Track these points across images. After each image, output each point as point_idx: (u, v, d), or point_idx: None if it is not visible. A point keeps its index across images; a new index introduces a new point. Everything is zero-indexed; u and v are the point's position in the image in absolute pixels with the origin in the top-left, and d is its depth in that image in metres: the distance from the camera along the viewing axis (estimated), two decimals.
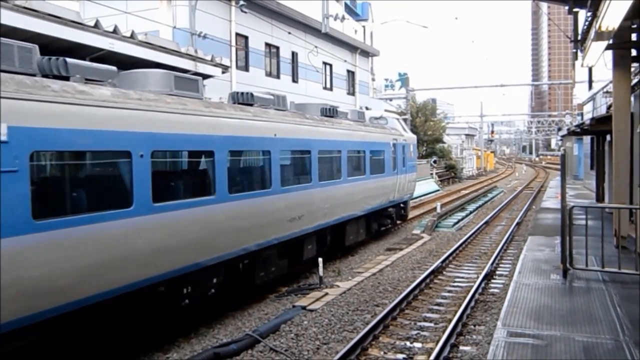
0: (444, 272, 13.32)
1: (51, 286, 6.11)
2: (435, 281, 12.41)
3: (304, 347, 8.16)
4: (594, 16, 9.71)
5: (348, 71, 33.87)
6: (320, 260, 12.02)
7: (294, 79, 27.04)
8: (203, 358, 7.74)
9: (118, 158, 7.17)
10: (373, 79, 44.50)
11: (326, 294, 10.90)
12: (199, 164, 9.15)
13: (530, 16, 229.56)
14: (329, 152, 13.50)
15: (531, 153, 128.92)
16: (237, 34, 22.11)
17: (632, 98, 12.80)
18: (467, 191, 37.37)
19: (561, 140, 56.12)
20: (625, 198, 11.99)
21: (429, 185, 36.95)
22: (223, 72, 15.72)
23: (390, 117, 20.17)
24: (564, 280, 9.39)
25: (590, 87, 23.55)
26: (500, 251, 15.31)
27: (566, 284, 9.21)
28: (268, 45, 24.77)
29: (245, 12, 19.32)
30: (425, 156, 46.21)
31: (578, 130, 22.37)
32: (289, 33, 24.72)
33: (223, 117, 9.27)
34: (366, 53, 37.11)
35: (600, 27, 8.53)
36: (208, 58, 14.42)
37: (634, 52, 12.18)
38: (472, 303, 10.35)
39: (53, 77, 6.82)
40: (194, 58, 13.83)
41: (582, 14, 12.62)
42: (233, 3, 20.91)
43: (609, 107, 17.34)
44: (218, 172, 8.91)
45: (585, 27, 11.62)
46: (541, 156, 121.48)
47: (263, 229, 10.35)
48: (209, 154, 8.83)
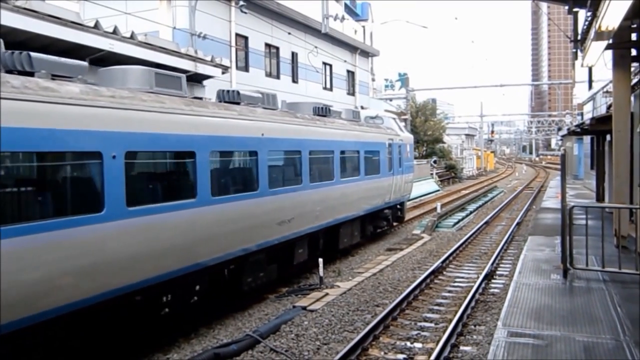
0: (444, 272, 13.32)
1: (9, 298, 5.62)
2: (435, 281, 12.41)
3: (305, 348, 8.15)
4: (594, 16, 9.71)
5: (348, 71, 33.87)
6: (320, 260, 12.01)
7: (294, 80, 27.04)
8: (203, 358, 7.74)
9: (87, 159, 6.73)
10: (373, 79, 44.46)
11: (326, 294, 10.89)
12: (179, 166, 8.69)
13: (530, 16, 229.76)
14: (321, 153, 13.10)
15: (531, 153, 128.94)
16: (237, 35, 22.10)
17: (632, 98, 12.80)
18: (467, 191, 37.38)
19: (561, 140, 56.12)
20: (625, 198, 11.99)
21: (429, 185, 36.95)
22: (223, 73, 15.74)
23: (386, 117, 19.85)
24: (564, 280, 9.39)
25: (590, 87, 23.54)
26: (500, 251, 15.31)
27: (566, 284, 9.21)
28: (268, 45, 24.76)
29: (245, 13, 19.31)
30: (425, 156, 46.23)
31: (578, 130, 22.36)
32: (289, 33, 24.72)
33: (205, 116, 8.85)
34: (366, 53, 37.10)
35: (600, 27, 8.53)
36: (208, 58, 14.43)
37: (634, 52, 12.18)
38: (473, 303, 10.34)
39: (18, 73, 6.42)
40: (194, 58, 13.84)
41: (582, 14, 12.62)
42: (233, 3, 20.91)
43: (609, 107, 17.34)
44: (200, 174, 8.49)
45: (585, 27, 11.62)
46: (541, 156, 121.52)
47: (250, 233, 9.96)
48: (190, 155, 8.39)
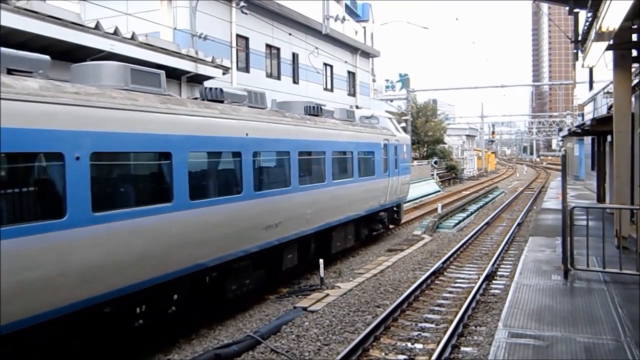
0: (445, 273, 13.31)
1: None
2: (436, 282, 12.40)
3: (305, 348, 8.15)
4: (595, 17, 9.71)
5: (349, 72, 33.88)
6: (321, 261, 12.01)
7: (295, 80, 27.05)
8: (204, 359, 7.74)
9: (47, 161, 6.26)
10: (374, 80, 44.50)
11: (327, 295, 10.89)
12: (153, 167, 8.18)
13: (530, 17, 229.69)
14: (311, 154, 12.63)
15: (532, 154, 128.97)
16: (238, 35, 22.12)
17: (633, 98, 12.80)
18: (468, 192, 37.36)
19: (562, 140, 56.07)
20: (626, 198, 11.98)
21: (430, 186, 36.96)
22: (224, 74, 15.72)
23: (381, 117, 19.40)
24: (565, 281, 9.38)
25: (590, 88, 23.51)
26: (501, 252, 15.29)
27: (567, 285, 9.20)
28: (269, 46, 24.79)
29: (245, 14, 19.33)
30: (426, 157, 46.24)
31: (579, 130, 22.39)
32: (290, 34, 24.74)
33: (183, 115, 8.33)
34: (367, 54, 37.11)
35: (600, 28, 8.54)
36: (209, 59, 14.42)
37: (635, 53, 12.18)
38: (473, 304, 10.34)
39: None
40: (195, 59, 13.83)
41: (583, 15, 12.62)
42: (233, 4, 20.93)
43: (610, 108, 17.33)
44: (176, 177, 7.97)
45: (585, 28, 11.62)
46: (542, 157, 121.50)
47: (233, 239, 9.48)
48: (165, 156, 7.89)
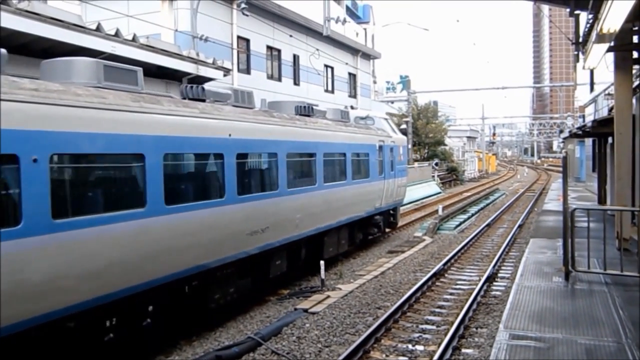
0: (446, 275, 13.30)
1: None
2: (437, 284, 12.39)
3: (306, 350, 8.15)
4: (595, 18, 9.72)
5: (349, 74, 33.92)
6: (322, 262, 12.00)
7: (296, 82, 27.08)
8: None
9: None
10: (374, 82, 44.57)
11: (328, 297, 10.88)
12: (123, 170, 7.62)
13: (531, 18, 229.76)
14: (301, 155, 12.16)
15: (533, 155, 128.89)
16: (239, 37, 22.17)
17: (634, 100, 12.80)
18: (469, 194, 37.37)
19: (563, 142, 56.09)
20: (627, 200, 11.97)
21: (431, 187, 36.95)
22: (225, 75, 15.72)
23: (377, 117, 19.01)
24: (566, 282, 9.37)
25: (591, 90, 23.56)
26: (502, 254, 15.28)
27: (568, 287, 9.19)
28: (269, 48, 24.82)
29: (246, 15, 19.37)
30: (427, 159, 46.23)
31: (580, 132, 22.38)
32: (291, 36, 24.78)
33: (158, 114, 7.82)
34: (367, 56, 37.16)
35: (601, 30, 8.53)
36: (210, 61, 14.41)
37: (636, 55, 12.18)
38: (474, 306, 10.33)
39: None
40: (196, 61, 13.83)
41: (584, 16, 12.64)
42: (234, 6, 20.95)
43: (611, 110, 17.32)
44: (150, 180, 7.48)
45: (586, 30, 11.64)
46: (543, 158, 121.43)
47: (214, 246, 8.92)
48: (138, 158, 7.38)
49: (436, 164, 43.48)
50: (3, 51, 6.65)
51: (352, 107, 22.92)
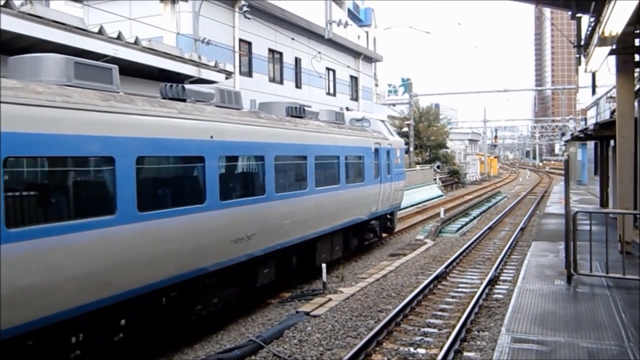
0: (448, 278, 13.28)
1: None
2: (439, 287, 12.37)
3: (308, 353, 8.13)
4: (597, 21, 9.72)
5: (351, 77, 33.96)
6: (323, 266, 11.99)
7: (297, 85, 27.12)
8: None
9: None
10: (376, 85, 44.64)
11: (330, 300, 10.87)
12: (90, 174, 7.18)
13: (533, 21, 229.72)
14: (290, 158, 11.70)
15: (535, 158, 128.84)
16: (241, 40, 22.20)
17: (636, 103, 12.81)
18: (471, 196, 37.35)
19: (565, 145, 55.96)
20: (629, 203, 11.97)
21: (433, 190, 36.94)
22: (226, 78, 15.77)
23: (373, 119, 18.53)
24: (568, 285, 9.36)
25: (593, 92, 23.57)
26: (504, 257, 15.25)
27: (570, 290, 9.18)
28: (271, 51, 24.86)
29: (248, 18, 19.43)
30: (428, 161, 46.25)
31: (582, 135, 22.37)
32: (292, 39, 24.82)
33: (130, 114, 7.32)
34: (369, 59, 37.20)
35: (603, 33, 8.54)
36: (211, 64, 14.45)
37: (637, 58, 12.18)
38: (476, 309, 10.30)
39: None
40: (198, 64, 13.86)
41: (585, 19, 12.63)
42: (236, 9, 21.01)
43: (613, 112, 17.32)
44: (120, 185, 6.97)
45: (588, 33, 11.63)
46: (545, 161, 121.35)
47: (194, 254, 8.38)
48: (107, 161, 6.90)
49: (438, 167, 43.50)
50: None
51: (348, 109, 22.64)
